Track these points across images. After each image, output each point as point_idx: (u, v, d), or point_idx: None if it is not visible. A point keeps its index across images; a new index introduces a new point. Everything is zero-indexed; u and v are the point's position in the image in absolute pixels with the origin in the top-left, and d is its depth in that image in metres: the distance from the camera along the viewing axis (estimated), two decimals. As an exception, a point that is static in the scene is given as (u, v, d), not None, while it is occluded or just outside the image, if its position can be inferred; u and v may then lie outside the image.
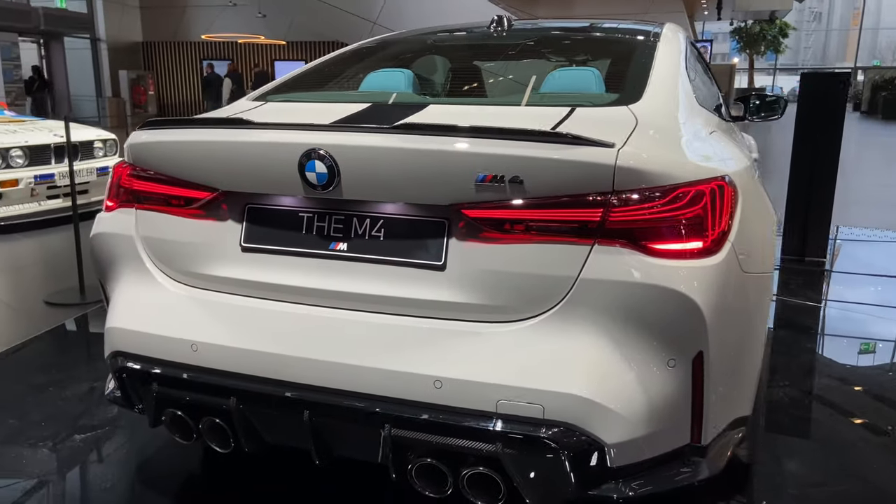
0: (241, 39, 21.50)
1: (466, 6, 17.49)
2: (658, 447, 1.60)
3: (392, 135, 1.59)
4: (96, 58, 22.76)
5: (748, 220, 1.77)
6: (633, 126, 1.71)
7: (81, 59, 21.99)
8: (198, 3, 22.42)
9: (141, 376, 1.81)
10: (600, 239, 1.52)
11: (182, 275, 1.83)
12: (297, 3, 17.76)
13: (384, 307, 1.64)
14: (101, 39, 22.88)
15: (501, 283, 1.57)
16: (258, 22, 20.24)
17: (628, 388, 1.53)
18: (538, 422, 1.50)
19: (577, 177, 1.51)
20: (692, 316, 1.52)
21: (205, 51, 22.80)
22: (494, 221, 1.56)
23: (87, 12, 22.15)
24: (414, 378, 1.56)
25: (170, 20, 23.20)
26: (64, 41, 21.12)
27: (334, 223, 1.70)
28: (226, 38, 21.74)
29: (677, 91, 2.09)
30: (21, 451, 2.34)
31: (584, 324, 1.53)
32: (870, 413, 2.69)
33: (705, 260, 1.55)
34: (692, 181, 1.60)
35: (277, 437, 1.78)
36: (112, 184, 1.96)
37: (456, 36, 2.81)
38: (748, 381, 1.82)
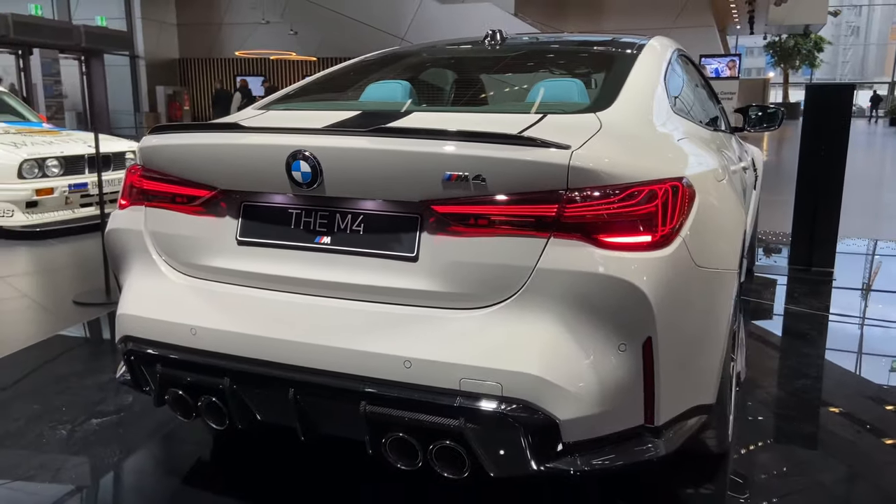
0: (274, 56, 22.04)
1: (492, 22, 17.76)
2: (611, 426, 1.72)
3: (368, 137, 1.75)
4: (135, 74, 23.48)
5: (706, 219, 1.90)
6: (595, 131, 1.85)
7: (120, 75, 22.70)
8: (232, 21, 23.06)
9: (147, 358, 1.99)
10: (556, 232, 1.66)
11: (184, 266, 2.01)
12: (327, 21, 18.22)
13: (363, 295, 1.80)
14: (140, 56, 23.60)
15: (467, 273, 1.71)
16: (290, 39, 20.77)
17: (580, 369, 1.66)
18: (497, 398, 1.64)
19: (533, 175, 1.65)
20: (640, 303, 1.64)
21: (238, 67, 23.39)
22: (461, 216, 1.71)
23: (127, 30, 22.90)
24: (386, 359, 1.71)
25: (205, 37, 23.88)
26: (104, 58, 21.82)
27: (319, 219, 1.86)
28: (259, 55, 22.30)
29: (649, 99, 2.22)
30: (42, 431, 2.54)
31: (540, 310, 1.66)
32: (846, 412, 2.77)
33: (654, 253, 1.68)
34: (646, 181, 1.73)
35: (267, 415, 1.93)
36: (125, 184, 2.15)
37: (450, 49, 2.98)
38: (706, 371, 1.94)
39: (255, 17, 21.61)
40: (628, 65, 2.41)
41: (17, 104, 7.80)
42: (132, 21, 23.24)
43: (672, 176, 1.81)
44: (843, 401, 2.90)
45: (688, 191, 1.82)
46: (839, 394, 2.99)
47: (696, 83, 3.28)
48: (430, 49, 2.98)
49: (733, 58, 19.54)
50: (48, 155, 6.20)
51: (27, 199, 6.05)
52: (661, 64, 2.53)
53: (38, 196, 6.09)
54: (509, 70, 2.75)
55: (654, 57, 2.54)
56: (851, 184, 5.39)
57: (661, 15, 24.67)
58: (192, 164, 1.97)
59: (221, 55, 23.78)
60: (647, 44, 2.67)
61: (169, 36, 24.34)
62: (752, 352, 3.41)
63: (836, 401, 2.90)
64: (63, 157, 6.26)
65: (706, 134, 2.63)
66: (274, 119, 2.28)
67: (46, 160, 6.17)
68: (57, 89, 16.36)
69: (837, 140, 4.71)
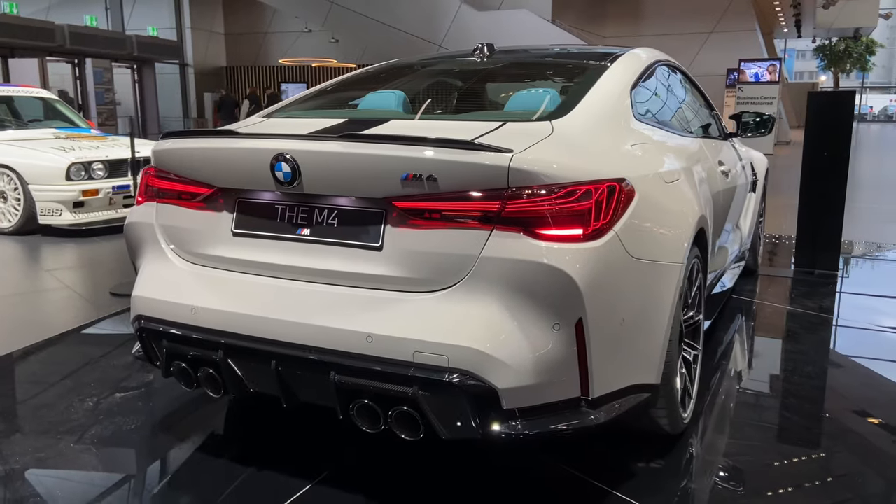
0: (315, 63, 22.62)
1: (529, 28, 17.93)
2: (549, 395, 1.94)
3: (338, 142, 2.02)
4: (184, 81, 24.35)
5: (647, 216, 2.12)
6: (544, 136, 2.09)
7: (170, 83, 23.58)
8: (276, 30, 23.73)
9: (155, 335, 2.29)
10: (498, 225, 1.90)
11: (188, 254, 2.30)
12: (367, 29, 18.61)
13: (335, 280, 2.06)
14: (189, 65, 24.46)
15: (423, 261, 1.96)
16: (331, 46, 21.30)
17: (517, 345, 1.88)
18: (443, 369, 1.88)
19: (478, 175, 1.89)
20: (569, 288, 1.87)
21: (282, 74, 24.06)
22: (417, 211, 1.96)
23: (177, 39, 23.76)
24: (351, 334, 1.97)
25: (251, 46, 24.62)
26: (155, 66, 22.67)
27: (300, 213, 2.13)
28: (301, 62, 22.91)
29: (607, 108, 2.44)
30: (72, 403, 2.87)
31: (484, 293, 1.90)
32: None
33: (585, 244, 1.90)
34: (584, 181, 1.96)
35: (255, 385, 2.20)
36: (141, 183, 2.46)
37: (440, 62, 3.24)
38: (645, 353, 2.14)
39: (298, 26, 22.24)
40: (596, 76, 2.63)
41: (67, 111, 8.33)
42: (182, 31, 24.14)
43: (612, 177, 2.03)
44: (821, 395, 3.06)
45: (626, 190, 2.04)
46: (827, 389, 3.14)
47: (680, 92, 3.47)
48: (423, 62, 3.24)
49: (774, 62, 19.34)
50: (94, 159, 6.64)
51: (74, 199, 6.50)
52: (631, 74, 2.75)
53: (84, 197, 6.53)
54: (490, 81, 3.00)
55: (623, 68, 2.75)
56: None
57: (701, 19, 24.47)
58: (194, 165, 2.26)
59: (266, 63, 24.50)
60: (623, 55, 2.89)
61: (217, 45, 25.18)
62: (741, 347, 3.57)
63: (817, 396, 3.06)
64: (108, 161, 6.70)
65: (674, 139, 2.83)
66: (271, 126, 2.56)
67: (92, 163, 6.62)
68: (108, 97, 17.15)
69: (840, 145, 4.82)
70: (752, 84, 19.01)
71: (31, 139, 7.08)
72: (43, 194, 6.47)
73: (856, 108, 29.20)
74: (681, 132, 3.05)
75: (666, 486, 2.26)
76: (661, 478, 2.31)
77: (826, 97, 5.01)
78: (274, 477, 2.29)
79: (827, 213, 4.95)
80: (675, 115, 3.17)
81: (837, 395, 3.08)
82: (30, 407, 2.88)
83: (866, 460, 2.51)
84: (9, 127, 7.52)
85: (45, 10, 22.46)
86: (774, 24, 33.68)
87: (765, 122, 4.05)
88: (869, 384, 3.24)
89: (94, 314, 4.13)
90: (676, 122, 3.14)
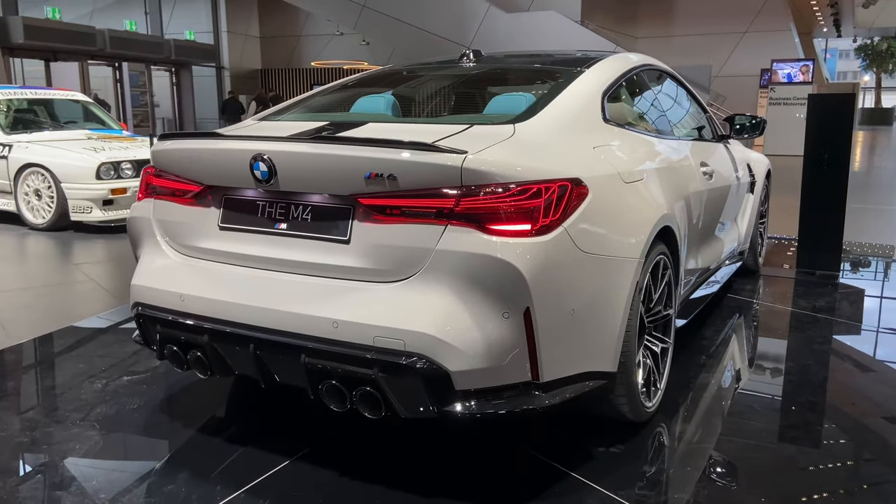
0: (346, 65, 22.97)
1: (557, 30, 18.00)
2: (500, 379, 2.09)
3: (309, 143, 2.20)
4: (220, 84, 24.92)
5: (601, 213, 2.26)
6: (504, 139, 2.24)
7: (207, 85, 24.15)
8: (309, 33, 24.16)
9: (151, 320, 2.49)
10: (452, 221, 2.05)
11: (180, 246, 2.50)
12: (397, 32, 18.87)
13: (308, 270, 2.24)
14: (225, 67, 25.01)
15: (385, 253, 2.13)
16: (362, 49, 21.63)
17: (469, 331, 2.03)
18: (400, 353, 2.04)
19: (433, 175, 2.05)
20: (516, 279, 2.01)
21: (315, 76, 24.47)
22: (380, 207, 2.12)
23: (214, 43, 24.33)
24: (320, 320, 2.14)
25: (285, 49, 25.09)
26: (192, 69, 23.25)
27: (278, 209, 2.31)
28: (332, 65, 23.29)
29: (573, 112, 2.58)
30: (84, 384, 3.10)
31: (438, 283, 2.06)
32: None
33: (533, 239, 2.05)
34: (536, 180, 2.10)
35: (237, 366, 2.39)
36: (142, 181, 2.68)
37: (428, 67, 3.40)
38: (599, 342, 2.28)
39: (330, 29, 22.63)
40: (569, 81, 2.77)
41: (101, 113, 8.70)
42: (218, 34, 24.71)
43: (565, 177, 2.18)
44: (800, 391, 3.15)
45: (578, 189, 2.19)
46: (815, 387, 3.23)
47: (664, 95, 3.59)
48: (411, 67, 3.41)
49: (807, 62, 19.07)
50: (123, 159, 6.95)
51: (103, 197, 6.81)
52: (604, 79, 2.88)
53: (113, 195, 6.84)
54: (470, 86, 3.15)
55: (596, 74, 2.89)
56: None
57: (735, 19, 24.24)
58: (185, 165, 2.46)
59: (299, 65, 24.96)
60: (599, 61, 3.01)
61: (252, 48, 25.72)
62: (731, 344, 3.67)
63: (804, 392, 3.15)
64: (136, 161, 7.00)
65: (645, 141, 2.94)
66: (258, 128, 2.76)
67: (121, 163, 6.93)
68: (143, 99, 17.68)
69: (839, 146, 4.86)
70: (785, 84, 18.76)
71: (64, 140, 7.44)
72: (74, 192, 6.80)
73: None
74: (657, 134, 3.17)
75: (624, 469, 2.38)
76: (622, 462, 2.43)
77: (826, 99, 5.05)
78: (259, 452, 2.47)
79: (827, 215, 4.99)
80: (653, 117, 3.29)
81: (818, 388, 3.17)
82: (43, 388, 3.12)
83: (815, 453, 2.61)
84: (46, 128, 7.90)
85: (89, 14, 23.18)
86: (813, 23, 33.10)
87: (756, 125, 4.14)
88: (861, 380, 3.32)
89: (113, 304, 4.39)
90: (654, 125, 3.25)
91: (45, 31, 16.34)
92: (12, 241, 6.66)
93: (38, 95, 8.42)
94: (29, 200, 7.08)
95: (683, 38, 24.96)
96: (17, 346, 3.63)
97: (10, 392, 3.09)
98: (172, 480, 2.32)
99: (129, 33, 19.56)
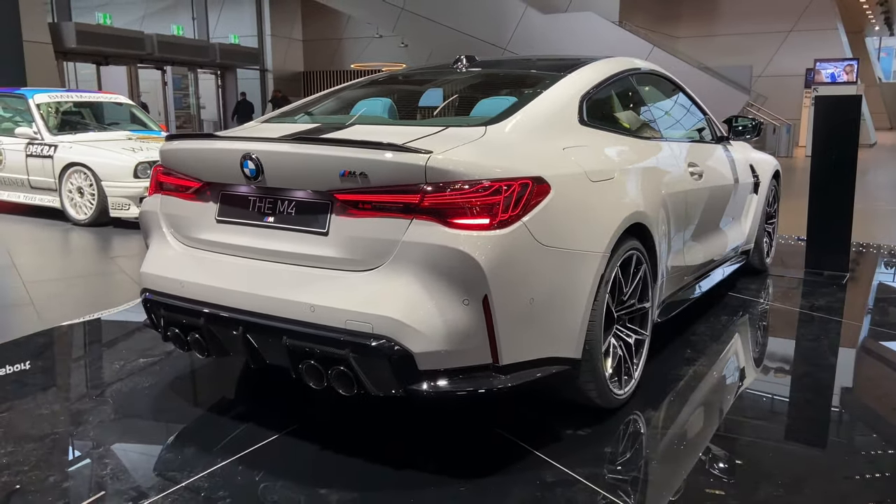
0: (385, 67, 23.27)
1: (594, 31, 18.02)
2: (460, 361, 2.26)
3: (290, 144, 2.42)
4: (264, 86, 25.54)
5: (562, 209, 2.41)
6: (472, 140, 2.42)
7: (251, 88, 24.77)
8: (350, 36, 24.61)
9: (156, 305, 2.74)
10: (417, 215, 2.24)
11: (183, 237, 2.74)
12: (434, 34, 19.13)
13: (291, 259, 2.45)
14: (269, 70, 25.62)
15: (359, 244, 2.32)
16: (401, 51, 21.96)
17: (431, 316, 2.21)
18: (369, 335, 2.23)
19: (400, 173, 2.24)
20: (474, 269, 2.18)
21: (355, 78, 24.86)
22: (354, 202, 2.32)
23: (258, 46, 24.95)
24: (299, 305, 2.35)
25: (327, 51, 25.58)
26: (237, 72, 23.89)
27: (267, 203, 2.53)
28: (372, 67, 23.66)
29: (547, 115, 2.74)
30: (103, 364, 3.38)
31: (404, 272, 2.24)
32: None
33: (492, 232, 2.22)
34: (497, 178, 2.27)
35: (231, 348, 2.62)
36: (152, 178, 2.93)
37: (424, 73, 3.59)
38: (560, 329, 2.43)
39: (370, 32, 23.04)
40: (548, 85, 2.93)
41: (142, 115, 9.13)
42: (262, 38, 25.34)
43: (527, 175, 2.34)
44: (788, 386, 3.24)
45: (538, 187, 2.35)
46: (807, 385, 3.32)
47: (655, 99, 3.71)
48: (408, 73, 3.61)
49: (851, 62, 18.71)
50: (155, 159, 7.31)
51: (141, 195, 7.17)
52: (585, 84, 3.03)
53: (148, 193, 7.20)
54: (460, 91, 3.33)
55: (576, 79, 3.04)
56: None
57: (780, 18, 23.83)
58: (187, 163, 2.70)
59: (340, 67, 25.43)
60: (581, 67, 3.16)
61: (295, 51, 26.29)
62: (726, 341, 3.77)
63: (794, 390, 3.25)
64: (171, 161, 7.36)
65: (622, 142, 3.07)
66: (256, 129, 2.99)
67: (154, 163, 7.28)
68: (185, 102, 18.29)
69: (847, 147, 4.89)
70: (828, 84, 18.46)
71: (106, 140, 7.85)
72: (114, 190, 7.19)
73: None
74: (639, 136, 3.29)
75: (585, 450, 2.53)
76: (586, 444, 2.57)
77: (832, 101, 5.08)
78: (250, 427, 2.69)
79: (835, 215, 5.02)
80: (638, 119, 3.42)
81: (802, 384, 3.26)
82: (66, 368, 3.41)
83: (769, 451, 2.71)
84: (89, 130, 8.33)
85: (140, 19, 24.03)
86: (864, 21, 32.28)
87: (753, 127, 4.23)
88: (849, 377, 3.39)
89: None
90: (638, 127, 3.38)
91: (96, 36, 17.07)
92: (56, 236, 7.08)
93: (83, 98, 8.87)
94: (72, 197, 7.50)
95: (726, 38, 24.64)
96: (47, 330, 3.93)
97: (37, 370, 3.38)
98: (173, 446, 2.57)
99: (177, 38, 20.25)
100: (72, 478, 2.37)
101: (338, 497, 2.23)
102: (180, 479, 2.33)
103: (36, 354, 3.61)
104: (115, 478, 2.38)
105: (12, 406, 2.91)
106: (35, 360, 3.51)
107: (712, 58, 21.71)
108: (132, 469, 2.47)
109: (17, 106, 8.32)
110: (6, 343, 3.73)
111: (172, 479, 2.34)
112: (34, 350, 3.66)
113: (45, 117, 7.98)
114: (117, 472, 2.41)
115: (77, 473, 2.40)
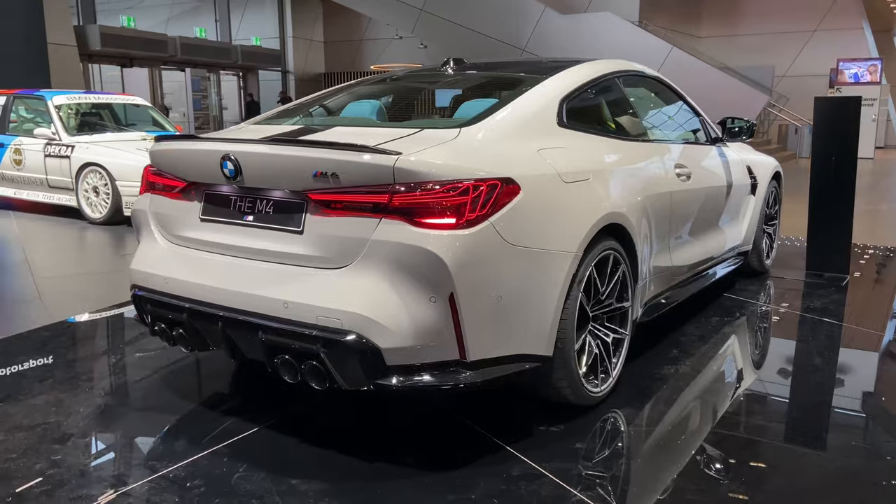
0: (405, 68, 23.45)
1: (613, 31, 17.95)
2: (428, 356, 2.31)
3: (266, 145, 2.50)
4: (285, 87, 25.79)
5: (532, 210, 2.46)
6: (444, 141, 2.48)
7: (273, 89, 25.05)
8: (370, 37, 24.78)
9: (143, 300, 2.83)
10: (386, 215, 2.30)
11: (169, 235, 2.84)
12: (453, 35, 19.18)
13: (268, 257, 2.53)
14: (290, 71, 25.87)
15: (332, 243, 2.39)
16: (420, 52, 22.05)
17: (398, 312, 2.28)
18: (338, 331, 2.30)
19: (370, 174, 2.30)
20: (440, 267, 2.24)
21: (375, 79, 25.05)
22: (326, 202, 2.39)
23: (279, 48, 25.21)
24: (274, 301, 2.42)
25: (347, 53, 25.77)
26: (258, 73, 24.15)
27: (246, 203, 2.61)
28: (391, 68, 23.78)
29: (523, 117, 2.79)
30: (98, 356, 3.49)
31: (373, 269, 2.31)
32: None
33: (457, 231, 2.27)
34: (465, 179, 2.33)
35: (212, 342, 2.70)
36: (143, 178, 3.03)
37: (411, 75, 3.66)
38: (530, 327, 2.48)
39: (390, 33, 23.17)
40: (528, 88, 2.98)
41: (159, 117, 9.31)
42: (284, 40, 25.61)
43: (496, 176, 2.40)
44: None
45: (508, 188, 2.40)
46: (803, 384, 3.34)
47: (641, 101, 3.74)
48: (395, 75, 3.68)
49: (875, 62, 18.43)
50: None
51: (153, 195, 7.33)
52: (566, 86, 3.07)
53: (162, 193, 7.35)
54: (445, 93, 3.39)
55: (557, 81, 3.08)
56: None
57: (803, 17, 23.50)
58: (173, 164, 2.79)
59: (361, 69, 25.60)
60: (562, 71, 3.20)
61: (316, 52, 26.52)
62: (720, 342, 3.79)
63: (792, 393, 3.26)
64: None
65: (602, 144, 3.10)
66: (239, 131, 3.08)
67: (170, 163, 7.44)
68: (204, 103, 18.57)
69: (847, 150, 4.86)
70: (852, 84, 18.21)
71: (121, 140, 8.03)
72: (127, 189, 7.35)
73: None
74: (621, 137, 3.32)
75: (555, 445, 2.57)
76: (557, 439, 2.61)
77: (832, 103, 5.05)
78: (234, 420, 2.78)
79: (835, 218, 4.99)
80: (622, 121, 3.45)
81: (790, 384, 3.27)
82: (67, 360, 3.52)
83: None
84: (106, 130, 8.52)
85: (165, 22, 24.42)
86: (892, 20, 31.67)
87: (748, 128, 4.24)
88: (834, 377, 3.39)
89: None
90: (621, 129, 3.41)
91: (121, 39, 17.40)
92: (71, 233, 7.27)
93: (101, 100, 9.07)
94: (88, 196, 7.68)
95: (749, 38, 24.36)
96: (52, 325, 4.06)
97: (37, 364, 3.50)
98: (158, 437, 2.66)
99: (199, 40, 20.55)
100: (57, 465, 2.46)
101: (308, 487, 2.31)
102: (159, 468, 2.42)
103: (38, 348, 3.73)
104: (97, 466, 2.48)
105: (9, 396, 3.03)
106: (37, 354, 3.63)
107: (734, 58, 21.49)
108: (115, 458, 2.57)
109: (38, 107, 8.54)
110: (11, 336, 3.86)
111: (152, 468, 2.43)
112: (37, 343, 3.78)
113: (63, 119, 8.18)
114: (100, 461, 2.51)
115: (62, 461, 2.49)
